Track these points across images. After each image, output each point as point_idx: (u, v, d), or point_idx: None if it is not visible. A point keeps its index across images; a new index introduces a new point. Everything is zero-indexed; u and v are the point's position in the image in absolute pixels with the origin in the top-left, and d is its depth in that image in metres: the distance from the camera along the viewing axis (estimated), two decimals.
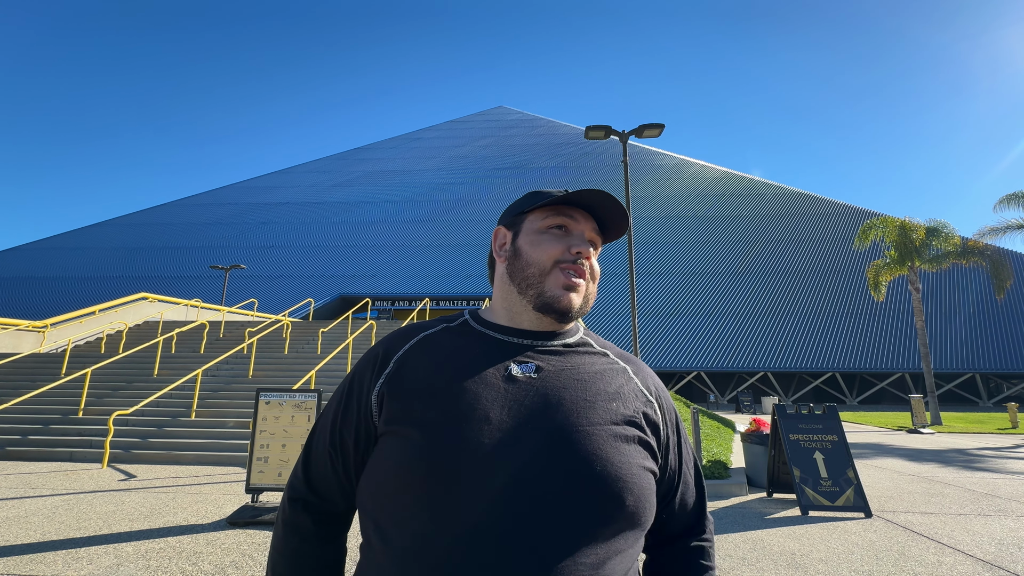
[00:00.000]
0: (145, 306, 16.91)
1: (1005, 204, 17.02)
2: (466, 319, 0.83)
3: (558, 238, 0.78)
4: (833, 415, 5.74)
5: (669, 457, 0.77)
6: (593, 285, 0.80)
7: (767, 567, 3.58)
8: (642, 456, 0.70)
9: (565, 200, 0.79)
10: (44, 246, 49.84)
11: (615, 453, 0.66)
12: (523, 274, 0.78)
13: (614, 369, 0.78)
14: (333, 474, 0.76)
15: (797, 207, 48.10)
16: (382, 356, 0.77)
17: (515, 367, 0.72)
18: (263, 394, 5.15)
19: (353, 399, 0.76)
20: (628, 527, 0.66)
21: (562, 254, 0.77)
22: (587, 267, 0.78)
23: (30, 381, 10.31)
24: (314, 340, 13.45)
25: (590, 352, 0.79)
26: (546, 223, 0.79)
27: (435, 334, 0.80)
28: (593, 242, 0.81)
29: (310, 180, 60.75)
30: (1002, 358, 33.42)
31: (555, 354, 0.76)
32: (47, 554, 3.62)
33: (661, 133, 10.84)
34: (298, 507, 0.78)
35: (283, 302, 36.29)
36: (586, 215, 0.81)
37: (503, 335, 0.77)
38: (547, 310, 0.75)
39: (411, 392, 0.71)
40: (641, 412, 0.74)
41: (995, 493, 6.12)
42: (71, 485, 5.86)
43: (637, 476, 0.67)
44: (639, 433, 0.71)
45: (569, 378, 0.73)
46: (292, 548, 0.77)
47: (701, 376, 36.00)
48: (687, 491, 0.80)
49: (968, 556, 3.81)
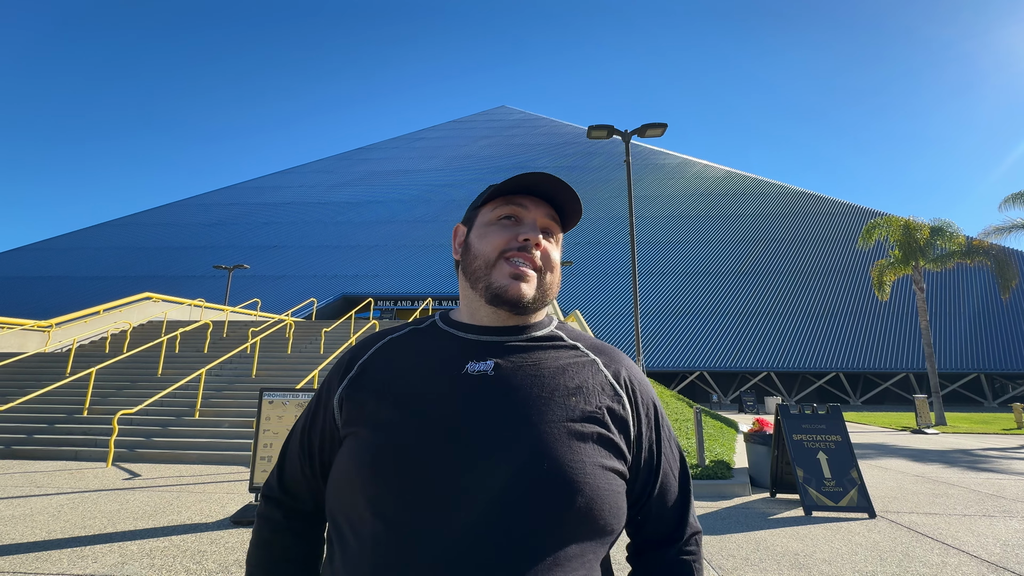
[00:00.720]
0: (149, 306, 16.98)
1: (1010, 203, 16.92)
2: (435, 320, 0.82)
3: (506, 228, 0.76)
4: (837, 415, 5.72)
5: (642, 455, 0.73)
6: (551, 274, 0.77)
7: (770, 567, 3.57)
8: (602, 455, 0.66)
9: (514, 189, 0.77)
10: (49, 246, 50.10)
11: (567, 451, 0.64)
12: (471, 267, 0.77)
13: (581, 362, 0.74)
14: (303, 476, 0.78)
15: (800, 206, 47.92)
16: (348, 361, 0.79)
17: (471, 365, 0.71)
18: (266, 394, 5.17)
19: (320, 404, 0.78)
20: (582, 531, 0.62)
21: (508, 243, 0.75)
22: (537, 255, 0.75)
23: (35, 380, 10.37)
24: (317, 340, 13.48)
25: (558, 346, 0.76)
26: (495, 214, 0.78)
27: (401, 337, 0.80)
28: (548, 229, 0.79)
29: (313, 180, 60.88)
30: (1007, 358, 33.22)
31: (519, 350, 0.74)
32: (53, 552, 3.64)
33: (664, 132, 10.81)
34: (271, 503, 0.81)
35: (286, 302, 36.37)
36: (539, 202, 0.78)
37: (467, 333, 0.76)
38: (497, 302, 0.73)
39: (369, 394, 0.72)
40: (605, 407, 0.70)
41: (1000, 494, 6.08)
42: (76, 484, 5.89)
43: (592, 476, 0.63)
44: (600, 430, 0.68)
45: (527, 374, 0.70)
46: (264, 539, 0.79)
47: (704, 376, 35.92)
48: (666, 492, 0.75)
49: (973, 557, 3.80)
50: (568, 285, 39.53)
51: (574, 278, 40.09)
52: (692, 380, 35.98)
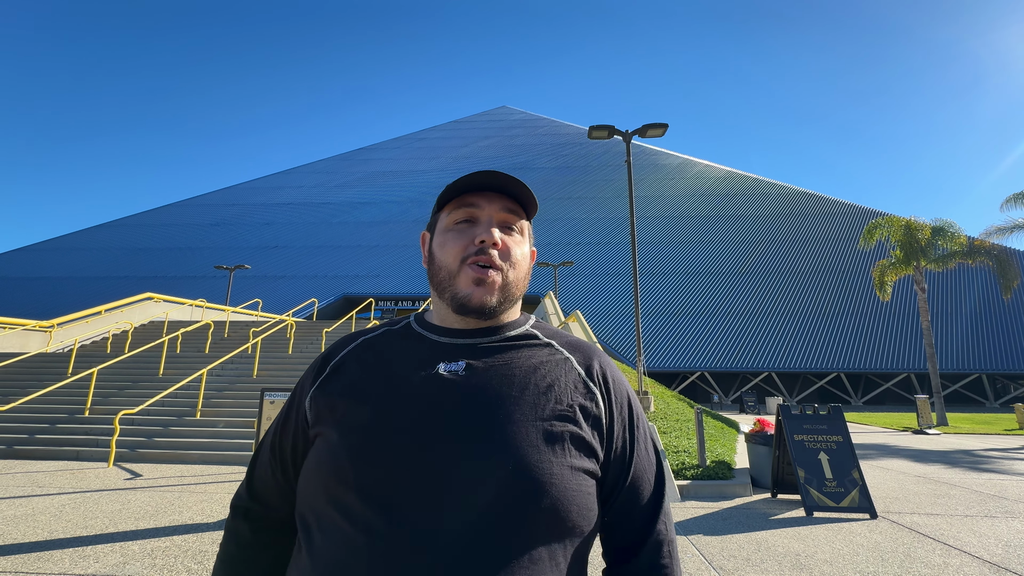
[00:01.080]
0: (150, 306, 17.00)
1: (1012, 203, 16.90)
2: (409, 322, 0.82)
3: (462, 232, 0.75)
4: (838, 415, 5.71)
5: (613, 453, 0.71)
6: (516, 269, 0.75)
7: (771, 568, 3.56)
8: (572, 455, 0.65)
9: (465, 189, 0.76)
10: (50, 246, 50.20)
11: (534, 452, 0.63)
12: (437, 278, 0.76)
13: (554, 360, 0.74)
14: (273, 480, 0.77)
15: (801, 207, 47.88)
16: (320, 362, 0.78)
17: (443, 366, 0.71)
18: (267, 394, 5.17)
19: (293, 406, 0.77)
20: (550, 532, 0.61)
21: (466, 248, 0.73)
22: (496, 254, 0.73)
23: (37, 380, 10.39)
24: (318, 340, 13.49)
25: (531, 344, 0.75)
26: (451, 219, 0.77)
27: (375, 338, 0.80)
28: (506, 222, 0.76)
29: (314, 180, 60.94)
30: (1009, 358, 33.15)
31: (492, 351, 0.73)
32: (54, 552, 3.65)
33: (664, 133, 10.82)
34: (239, 515, 0.79)
35: (287, 302, 36.40)
36: (493, 197, 0.76)
37: (440, 336, 0.76)
38: (463, 311, 0.73)
39: (338, 395, 0.71)
40: (578, 405, 0.69)
41: (1002, 495, 6.07)
42: (77, 484, 5.90)
43: (559, 476, 0.63)
44: (572, 428, 0.67)
45: (498, 374, 0.70)
46: (230, 554, 0.78)
47: (705, 376, 35.89)
48: (637, 493, 0.72)
49: (975, 558, 3.79)
50: (569, 285, 39.52)
51: (575, 279, 40.09)
52: (693, 380, 35.94)
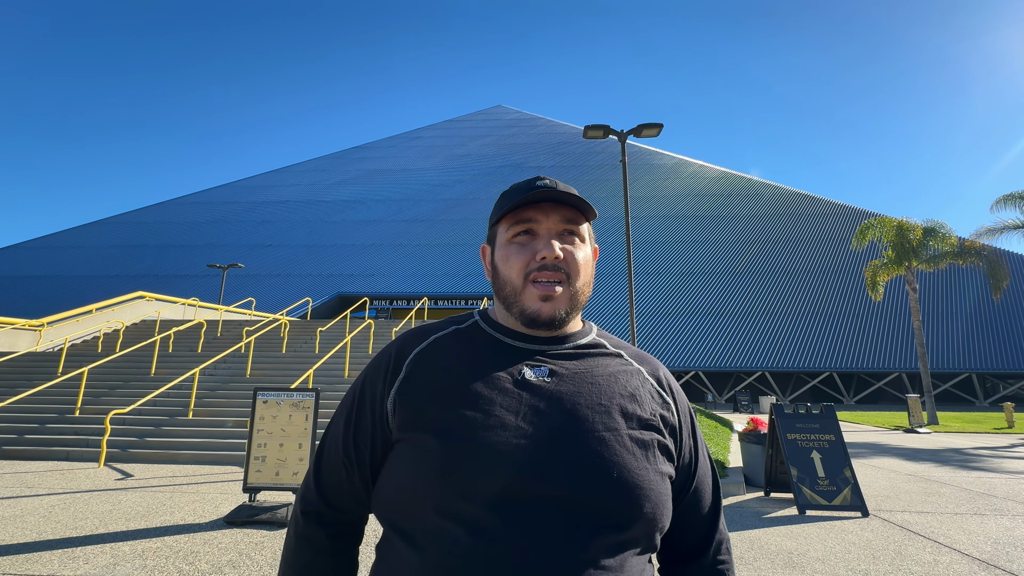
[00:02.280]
0: (142, 305, 16.86)
1: (1002, 204, 17.07)
2: (476, 320, 0.81)
3: (523, 247, 0.75)
4: (830, 414, 5.75)
5: (683, 460, 0.75)
6: (579, 279, 0.76)
7: (764, 566, 3.58)
8: (660, 461, 0.69)
9: (521, 203, 0.76)
10: (41, 244, 49.63)
11: (632, 459, 0.66)
12: (503, 293, 0.77)
13: (629, 371, 0.76)
14: (348, 484, 0.75)
15: (795, 207, 48.17)
16: (394, 361, 0.76)
17: (528, 371, 0.72)
18: (261, 393, 5.14)
19: (366, 406, 0.75)
20: (644, 533, 0.65)
21: (528, 264, 0.74)
22: (562, 267, 0.74)
23: (26, 380, 10.27)
24: (312, 339, 13.42)
25: (604, 354, 0.78)
26: (510, 233, 0.77)
27: (446, 336, 0.79)
28: (570, 231, 0.77)
29: (308, 179, 60.61)
30: (999, 358, 33.53)
31: (568, 357, 0.75)
32: (43, 553, 3.60)
33: (659, 133, 10.83)
34: (311, 520, 0.76)
35: (281, 301, 36.20)
36: (549, 208, 0.76)
37: (515, 340, 0.76)
38: (533, 325, 0.74)
39: (424, 398, 0.70)
40: (659, 414, 0.73)
41: (991, 492, 6.14)
42: (68, 484, 5.83)
43: (655, 482, 0.66)
44: (657, 437, 0.70)
45: (583, 381, 0.71)
46: (305, 562, 0.76)
47: (699, 375, 36.05)
48: (700, 498, 0.77)
49: (964, 555, 3.83)
50: None
51: None
52: (687, 380, 36.09)
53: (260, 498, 4.99)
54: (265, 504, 4.74)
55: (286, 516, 4.45)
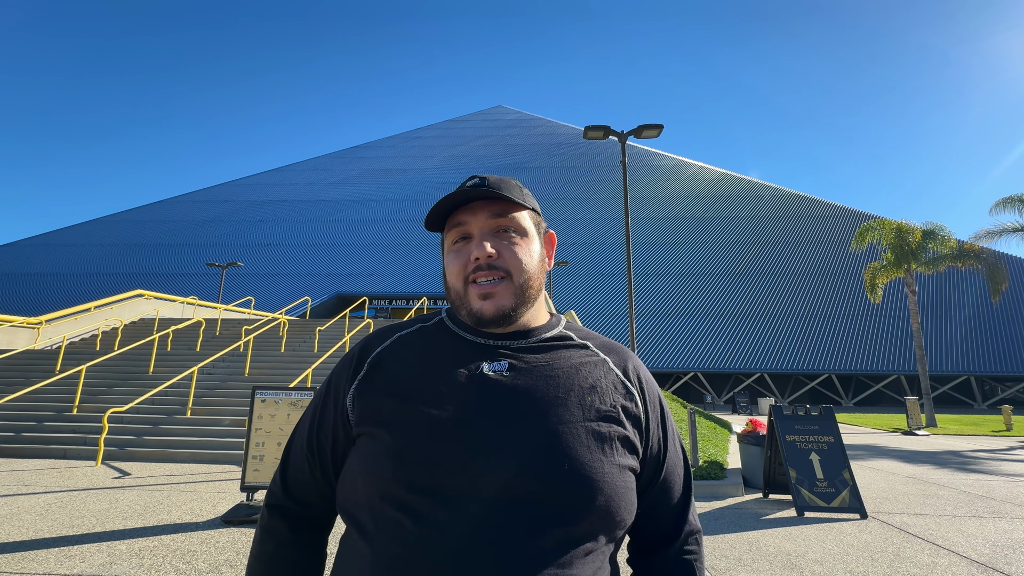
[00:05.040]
0: (141, 303, 16.84)
1: (1001, 207, 17.10)
2: (442, 318, 0.82)
3: (459, 253, 0.76)
4: (829, 416, 5.75)
5: (649, 451, 0.75)
6: (522, 273, 0.74)
7: (763, 568, 3.58)
8: (618, 453, 0.68)
9: (446, 212, 0.76)
10: (40, 242, 49.57)
11: (585, 451, 0.65)
12: (450, 298, 0.78)
13: (593, 362, 0.76)
14: (311, 478, 0.77)
15: (795, 209, 48.23)
16: (357, 358, 0.78)
17: (486, 365, 0.72)
18: (259, 392, 5.13)
19: (330, 402, 0.77)
20: (599, 527, 0.64)
21: (465, 268, 0.75)
22: (498, 264, 0.74)
23: (24, 377, 10.25)
24: (311, 338, 13.41)
25: (569, 345, 0.77)
26: (448, 241, 0.78)
27: (410, 335, 0.80)
28: (500, 226, 0.76)
29: (308, 178, 60.59)
30: (997, 361, 33.58)
31: (531, 351, 0.75)
32: (40, 552, 3.59)
33: (660, 134, 10.83)
34: (275, 513, 0.78)
35: (280, 300, 36.19)
36: (478, 207, 0.76)
37: (478, 337, 0.77)
38: (481, 324, 0.74)
39: (382, 393, 0.72)
40: (620, 405, 0.72)
41: (990, 495, 6.14)
42: (65, 483, 5.82)
43: (610, 475, 0.66)
44: (617, 428, 0.70)
45: (542, 375, 0.72)
46: (268, 553, 0.77)
47: (698, 377, 36.06)
48: (669, 489, 0.77)
49: (963, 558, 3.82)
50: (564, 285, 39.58)
51: (570, 278, 40.13)
52: (686, 381, 36.10)
53: (258, 497, 4.98)
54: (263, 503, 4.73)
55: None
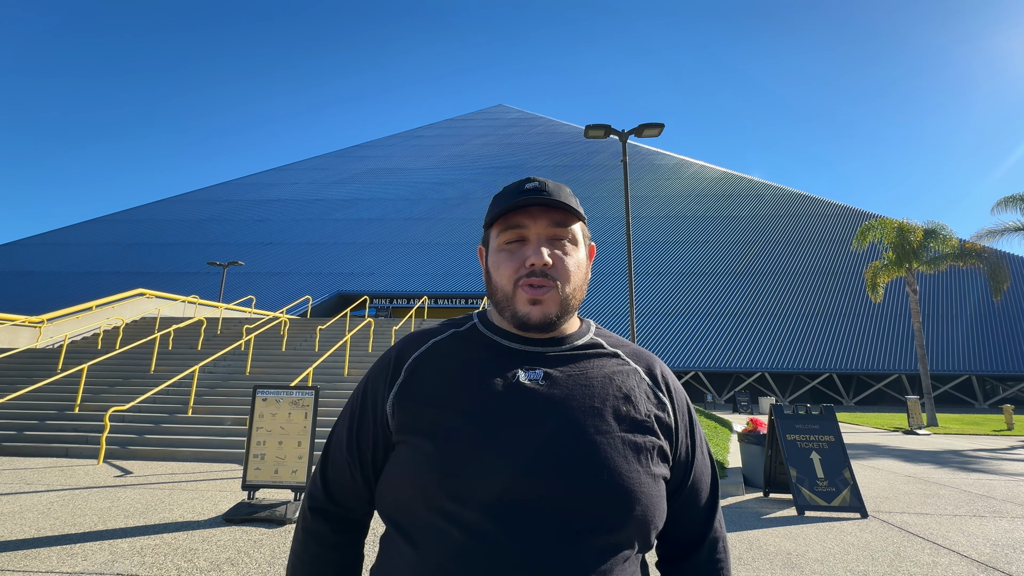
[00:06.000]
0: (142, 302, 16.86)
1: (1003, 206, 17.06)
2: (475, 323, 0.83)
3: (513, 254, 0.76)
4: (830, 416, 5.75)
5: (679, 459, 0.76)
6: (570, 283, 0.76)
7: (763, 567, 3.58)
8: (653, 462, 0.70)
9: (511, 208, 0.76)
10: (41, 241, 49.64)
11: (623, 462, 0.67)
12: (495, 298, 0.78)
13: (625, 371, 0.77)
14: (352, 482, 0.78)
15: (796, 208, 48.15)
16: (393, 365, 0.78)
17: (523, 374, 0.73)
18: (260, 391, 5.14)
19: (368, 408, 0.78)
20: (636, 535, 0.66)
21: (517, 271, 0.75)
22: (551, 273, 0.74)
23: (26, 376, 10.27)
24: (312, 337, 13.42)
25: (600, 354, 0.78)
26: (501, 240, 0.78)
27: (444, 340, 0.80)
28: (556, 235, 0.77)
29: (309, 177, 60.60)
30: (999, 360, 33.52)
31: (564, 359, 0.76)
32: (42, 550, 3.60)
33: (661, 133, 10.82)
34: (318, 516, 0.80)
35: (281, 299, 36.22)
36: (538, 213, 0.76)
37: (511, 342, 0.77)
38: (524, 328, 0.75)
39: (421, 401, 0.72)
40: (653, 415, 0.73)
41: (990, 494, 6.14)
42: (67, 481, 5.84)
43: (646, 484, 0.67)
44: (650, 438, 0.71)
45: (577, 384, 0.73)
46: (312, 554, 0.79)
47: (699, 376, 36.05)
48: (697, 496, 0.78)
49: (963, 557, 3.82)
50: None
51: None
52: (687, 380, 36.09)
53: (259, 496, 5.00)
54: (264, 502, 4.73)
55: (285, 514, 4.45)
